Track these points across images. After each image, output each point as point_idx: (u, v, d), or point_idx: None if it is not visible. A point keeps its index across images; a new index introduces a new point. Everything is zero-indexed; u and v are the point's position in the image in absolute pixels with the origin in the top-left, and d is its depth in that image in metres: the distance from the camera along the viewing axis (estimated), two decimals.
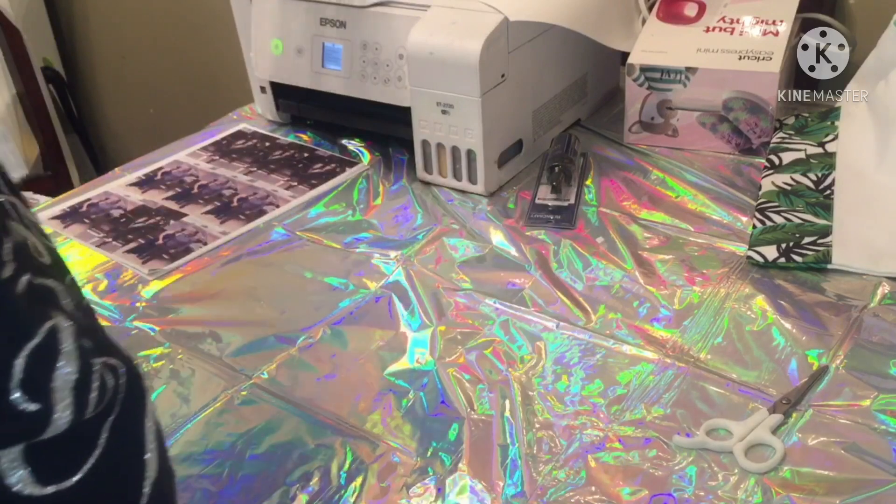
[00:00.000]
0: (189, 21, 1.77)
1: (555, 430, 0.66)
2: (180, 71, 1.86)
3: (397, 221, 0.94)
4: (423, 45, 0.91)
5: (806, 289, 0.78)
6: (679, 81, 0.98)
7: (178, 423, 0.69)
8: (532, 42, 0.96)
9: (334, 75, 1.03)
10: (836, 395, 0.66)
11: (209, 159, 1.09)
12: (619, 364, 0.71)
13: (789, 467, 0.61)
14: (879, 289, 0.77)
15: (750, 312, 0.75)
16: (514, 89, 0.95)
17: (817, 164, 0.93)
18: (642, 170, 0.99)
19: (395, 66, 0.98)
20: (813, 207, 0.86)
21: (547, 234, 0.90)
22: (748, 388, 0.68)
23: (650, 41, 1.03)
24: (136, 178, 1.06)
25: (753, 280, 0.79)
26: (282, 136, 1.13)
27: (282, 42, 1.06)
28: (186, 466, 0.65)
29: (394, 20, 0.97)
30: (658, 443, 0.64)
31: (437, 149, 0.97)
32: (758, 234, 0.84)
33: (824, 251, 0.80)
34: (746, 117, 0.98)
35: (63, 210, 1.00)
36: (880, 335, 0.72)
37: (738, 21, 1.03)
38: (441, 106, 0.93)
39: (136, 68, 1.95)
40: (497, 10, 0.91)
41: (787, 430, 0.64)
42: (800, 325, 0.73)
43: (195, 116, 1.32)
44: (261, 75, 1.11)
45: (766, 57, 0.96)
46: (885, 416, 0.64)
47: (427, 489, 0.62)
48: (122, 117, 2.09)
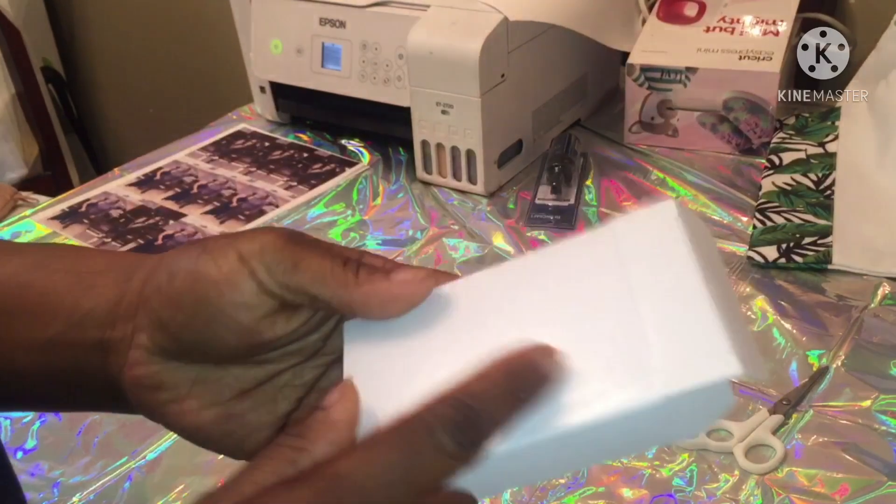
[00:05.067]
0: (189, 21, 1.77)
1: None
2: (180, 71, 1.86)
3: (397, 222, 0.94)
4: (423, 45, 0.91)
5: (806, 289, 0.78)
6: (679, 81, 0.98)
7: None
8: (532, 42, 0.95)
9: (334, 75, 1.03)
10: (836, 396, 0.66)
11: (208, 159, 1.09)
12: None
13: (790, 468, 0.61)
14: (880, 289, 0.77)
15: (750, 313, 0.75)
16: (514, 89, 0.95)
17: (818, 164, 0.92)
18: (642, 170, 0.99)
19: (395, 66, 0.98)
20: (813, 208, 0.86)
21: (547, 234, 0.89)
22: (748, 389, 0.67)
23: (650, 41, 1.03)
24: (136, 178, 1.06)
25: (754, 280, 0.79)
26: (281, 136, 1.13)
27: (281, 42, 1.06)
28: (183, 467, 0.65)
29: (393, 20, 0.97)
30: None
31: (436, 149, 0.97)
32: (758, 234, 0.84)
33: (825, 251, 0.80)
34: (747, 117, 0.97)
35: (62, 210, 1.00)
36: (881, 336, 0.71)
37: (738, 21, 1.03)
38: (441, 106, 0.93)
39: (136, 68, 1.95)
40: (497, 9, 0.90)
41: (787, 430, 0.64)
42: (800, 326, 0.73)
43: (195, 116, 1.32)
44: (260, 75, 1.11)
45: (766, 57, 0.96)
46: (886, 417, 0.64)
47: None
48: (121, 117, 2.09)
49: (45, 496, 0.64)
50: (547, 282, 0.33)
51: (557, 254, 0.34)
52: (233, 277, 0.33)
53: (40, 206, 1.03)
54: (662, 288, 0.30)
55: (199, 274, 0.33)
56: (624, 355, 0.30)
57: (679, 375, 0.28)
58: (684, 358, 0.29)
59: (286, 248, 0.33)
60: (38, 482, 0.65)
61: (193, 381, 0.35)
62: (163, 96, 1.94)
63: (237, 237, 0.34)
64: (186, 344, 0.34)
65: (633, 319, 0.30)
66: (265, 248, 0.33)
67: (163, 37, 1.84)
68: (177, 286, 0.33)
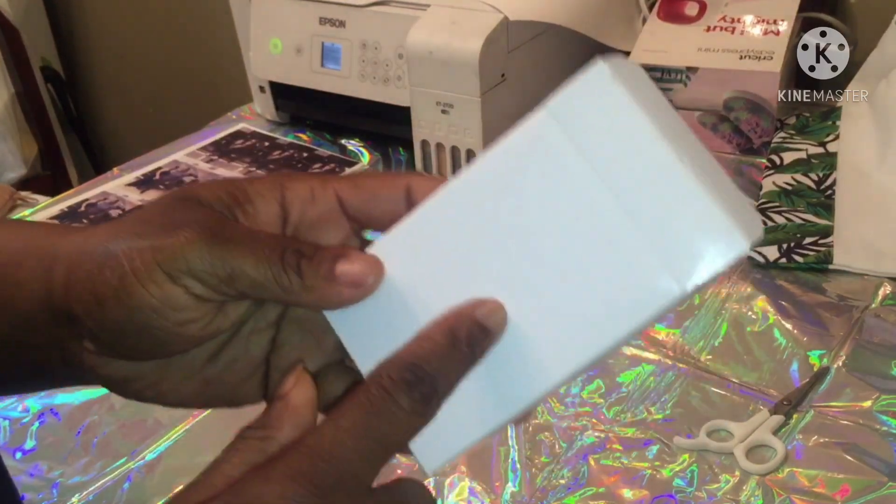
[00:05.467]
0: (188, 20, 1.77)
1: (555, 431, 0.65)
2: (179, 70, 1.86)
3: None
4: (423, 44, 0.91)
5: (807, 289, 0.77)
6: (680, 81, 0.98)
7: (175, 421, 0.69)
8: (532, 42, 0.95)
9: (334, 75, 1.03)
10: (837, 396, 0.66)
11: (208, 159, 1.09)
12: (619, 365, 0.71)
13: (790, 468, 0.61)
14: (881, 289, 0.77)
15: (751, 313, 0.75)
16: (513, 89, 0.94)
17: (818, 164, 0.92)
18: None
19: (395, 65, 0.97)
20: (814, 207, 0.86)
21: None
22: (749, 389, 0.67)
23: (651, 40, 1.03)
24: (135, 178, 1.05)
25: (754, 280, 0.79)
26: (281, 135, 1.13)
27: (281, 41, 1.06)
28: (183, 467, 0.65)
29: (393, 19, 0.96)
30: (659, 444, 0.63)
31: (436, 149, 0.96)
32: None
33: (825, 251, 0.80)
34: (747, 117, 0.97)
35: (61, 210, 0.99)
36: (882, 336, 0.71)
37: (738, 20, 1.03)
38: (441, 106, 0.93)
39: (135, 67, 1.95)
40: (497, 9, 0.90)
41: (788, 431, 0.63)
42: (801, 326, 0.73)
43: (194, 116, 1.32)
44: (260, 75, 1.11)
45: (766, 56, 0.96)
46: (887, 417, 0.64)
47: None
48: (120, 117, 2.09)
49: (44, 496, 0.64)
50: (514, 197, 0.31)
51: (508, 157, 0.31)
52: (169, 301, 0.31)
53: (39, 205, 1.03)
54: (634, 173, 0.29)
55: (132, 302, 0.31)
56: (626, 263, 0.29)
57: (692, 268, 0.28)
58: (692, 250, 0.28)
59: (213, 252, 0.31)
60: (37, 483, 0.65)
61: (159, 365, 0.34)
62: (162, 96, 1.93)
63: (155, 247, 0.31)
64: (139, 356, 0.34)
65: (620, 220, 0.29)
66: (190, 259, 0.31)
67: (162, 36, 1.84)
68: (112, 316, 0.32)
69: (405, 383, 0.30)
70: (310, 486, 0.28)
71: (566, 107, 0.30)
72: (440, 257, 0.33)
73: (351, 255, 0.33)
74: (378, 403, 0.30)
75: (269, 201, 0.34)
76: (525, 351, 0.31)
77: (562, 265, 0.30)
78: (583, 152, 0.30)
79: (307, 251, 0.32)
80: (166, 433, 0.68)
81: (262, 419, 0.32)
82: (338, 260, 0.32)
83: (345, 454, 0.29)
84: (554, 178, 0.30)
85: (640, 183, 0.29)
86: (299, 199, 0.34)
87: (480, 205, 0.32)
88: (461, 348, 0.31)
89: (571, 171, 0.30)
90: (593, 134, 0.29)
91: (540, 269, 0.31)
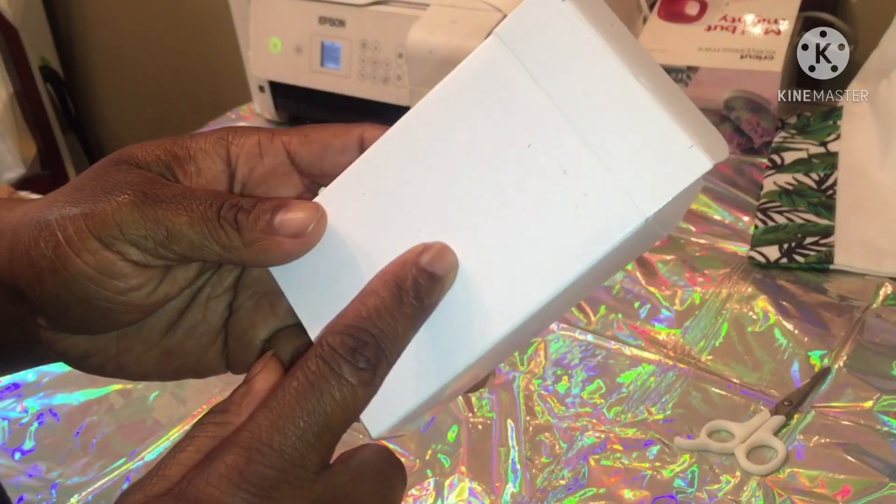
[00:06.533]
0: (187, 20, 1.77)
1: (555, 431, 0.65)
2: (178, 70, 1.85)
3: None
4: (423, 43, 0.91)
5: (808, 289, 0.77)
6: (680, 80, 0.98)
7: (174, 422, 0.68)
8: None
9: (333, 74, 1.03)
10: (838, 397, 0.66)
11: None
12: (619, 365, 0.71)
13: (791, 469, 0.60)
14: (882, 289, 0.76)
15: (752, 313, 0.75)
16: None
17: (819, 163, 0.92)
18: None
19: (395, 65, 0.97)
20: (815, 207, 0.86)
21: None
22: (750, 390, 0.67)
23: (651, 40, 1.02)
24: None
25: (755, 280, 0.79)
26: None
27: (280, 41, 1.06)
28: None
29: (393, 19, 0.96)
30: (659, 444, 0.63)
31: None
32: (760, 234, 0.83)
33: (826, 251, 0.80)
34: (748, 116, 0.97)
35: None
36: (883, 336, 0.71)
37: (739, 20, 1.03)
38: None
39: (134, 67, 1.95)
40: (497, 8, 0.90)
41: (789, 431, 0.63)
42: (802, 326, 0.73)
43: (193, 115, 1.32)
44: (259, 74, 1.11)
45: (767, 56, 0.96)
46: (888, 418, 0.63)
47: (426, 491, 0.61)
48: (120, 116, 2.09)
49: (43, 497, 0.64)
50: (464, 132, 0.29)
51: (457, 88, 0.30)
52: (106, 269, 0.30)
53: None
54: (589, 96, 0.27)
55: (68, 273, 0.30)
56: (584, 191, 0.27)
57: (654, 191, 0.26)
58: (652, 171, 0.26)
59: (146, 215, 0.29)
60: (36, 483, 0.65)
61: (117, 338, 0.33)
62: (161, 96, 1.93)
63: (86, 214, 0.30)
64: (89, 329, 0.32)
65: (576, 146, 0.27)
66: (123, 224, 0.29)
67: (161, 36, 1.84)
68: (51, 288, 0.30)
69: (347, 350, 0.27)
70: (249, 487, 0.26)
71: (515, 30, 0.29)
72: (389, 203, 0.30)
73: (290, 204, 0.30)
74: (317, 380, 0.27)
75: (213, 158, 0.32)
76: (479, 296, 0.29)
77: (517, 200, 0.28)
78: (535, 78, 0.28)
79: (245, 204, 0.30)
80: (165, 434, 0.68)
81: (224, 404, 0.30)
82: (277, 211, 0.30)
83: (285, 443, 0.27)
84: (505, 107, 0.29)
85: (596, 106, 0.27)
86: (246, 155, 0.33)
87: (429, 142, 0.30)
88: (408, 301, 0.28)
89: (523, 98, 0.28)
90: (545, 57, 0.28)
91: (493, 207, 0.28)
